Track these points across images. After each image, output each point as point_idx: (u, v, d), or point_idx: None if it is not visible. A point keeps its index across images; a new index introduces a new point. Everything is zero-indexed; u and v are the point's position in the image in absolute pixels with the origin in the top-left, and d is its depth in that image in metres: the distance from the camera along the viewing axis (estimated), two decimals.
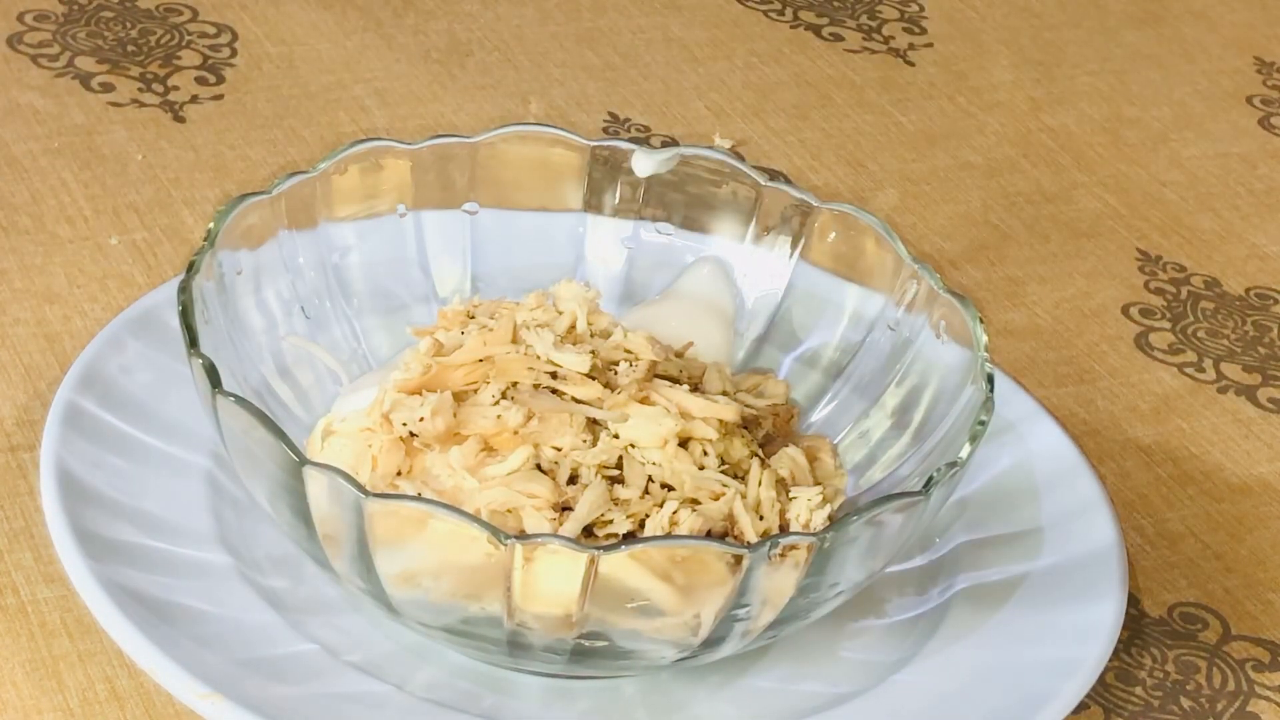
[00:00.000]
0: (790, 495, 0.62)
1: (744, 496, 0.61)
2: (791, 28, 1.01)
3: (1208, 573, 0.71)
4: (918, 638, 0.64)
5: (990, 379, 0.63)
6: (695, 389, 0.64)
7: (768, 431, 0.65)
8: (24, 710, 0.59)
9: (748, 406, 0.65)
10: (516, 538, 0.55)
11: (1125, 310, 0.85)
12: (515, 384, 0.62)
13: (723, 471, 0.61)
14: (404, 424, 0.60)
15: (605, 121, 0.91)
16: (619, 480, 0.60)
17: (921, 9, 1.05)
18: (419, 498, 0.58)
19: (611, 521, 0.59)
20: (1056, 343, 0.82)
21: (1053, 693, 0.61)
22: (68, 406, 0.65)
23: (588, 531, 0.59)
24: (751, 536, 0.60)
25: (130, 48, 0.90)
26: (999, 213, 0.89)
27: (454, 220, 0.71)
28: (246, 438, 0.58)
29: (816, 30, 1.01)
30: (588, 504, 0.59)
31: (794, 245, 0.71)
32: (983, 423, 0.61)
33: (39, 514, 0.63)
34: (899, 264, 0.68)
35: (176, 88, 0.88)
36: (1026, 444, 0.71)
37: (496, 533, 0.55)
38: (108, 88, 0.87)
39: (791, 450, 0.64)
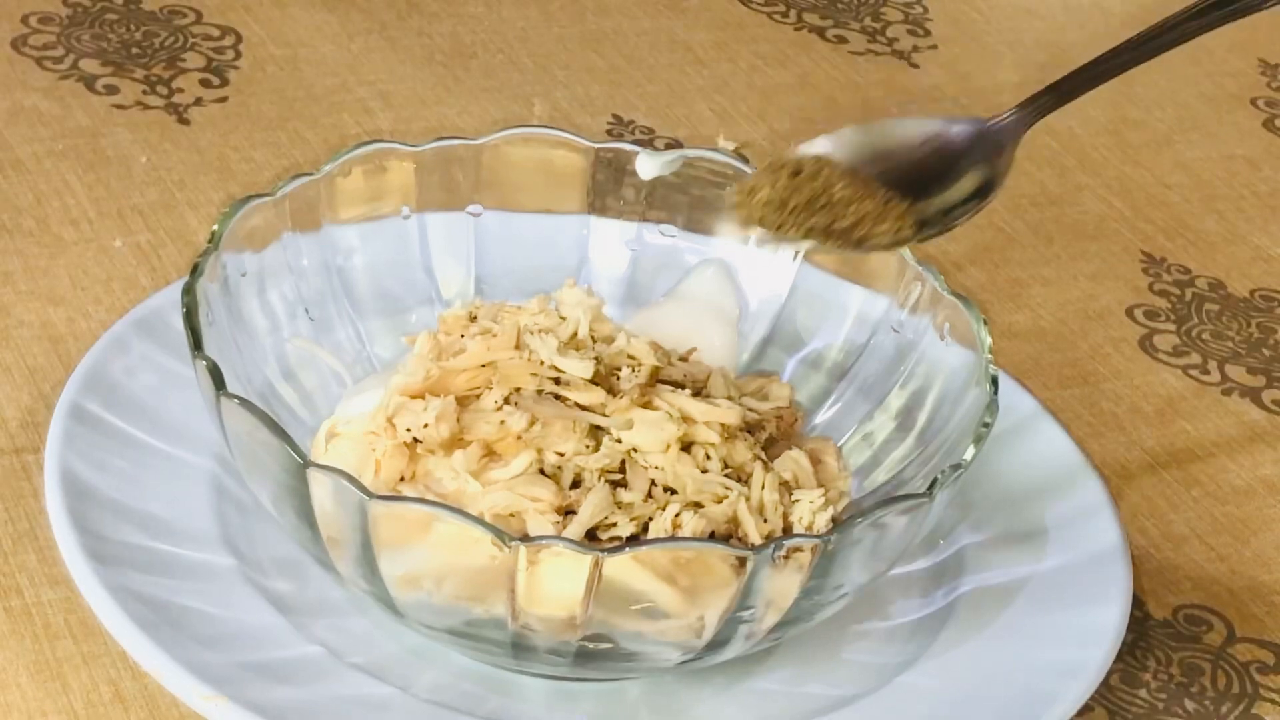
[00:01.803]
0: (793, 498, 0.62)
1: (747, 499, 0.61)
2: (796, 30, 1.01)
3: (1212, 575, 0.71)
4: (922, 640, 0.64)
5: (994, 381, 0.63)
6: (699, 393, 0.64)
7: (771, 434, 0.65)
8: (28, 713, 0.59)
9: (751, 410, 0.65)
10: (521, 540, 0.55)
11: (1129, 312, 0.85)
12: (518, 389, 0.61)
13: (726, 475, 0.61)
14: (408, 429, 0.60)
15: (609, 124, 0.91)
16: (622, 484, 0.60)
17: (925, 11, 1.05)
18: (423, 500, 0.58)
19: (615, 524, 0.59)
20: (1060, 345, 0.82)
21: (1057, 695, 0.61)
22: (72, 408, 0.65)
23: (591, 535, 0.59)
24: (755, 538, 0.60)
25: (134, 50, 0.90)
26: (1003, 215, 0.89)
27: (458, 222, 0.71)
28: (250, 440, 0.58)
29: (821, 33, 1.01)
30: (591, 507, 0.59)
31: None
32: (987, 425, 0.61)
33: (43, 516, 0.63)
34: (903, 266, 0.68)
35: (181, 90, 0.88)
36: (1031, 446, 0.71)
37: (501, 535, 0.55)
38: (112, 90, 0.87)
39: (794, 453, 0.64)
